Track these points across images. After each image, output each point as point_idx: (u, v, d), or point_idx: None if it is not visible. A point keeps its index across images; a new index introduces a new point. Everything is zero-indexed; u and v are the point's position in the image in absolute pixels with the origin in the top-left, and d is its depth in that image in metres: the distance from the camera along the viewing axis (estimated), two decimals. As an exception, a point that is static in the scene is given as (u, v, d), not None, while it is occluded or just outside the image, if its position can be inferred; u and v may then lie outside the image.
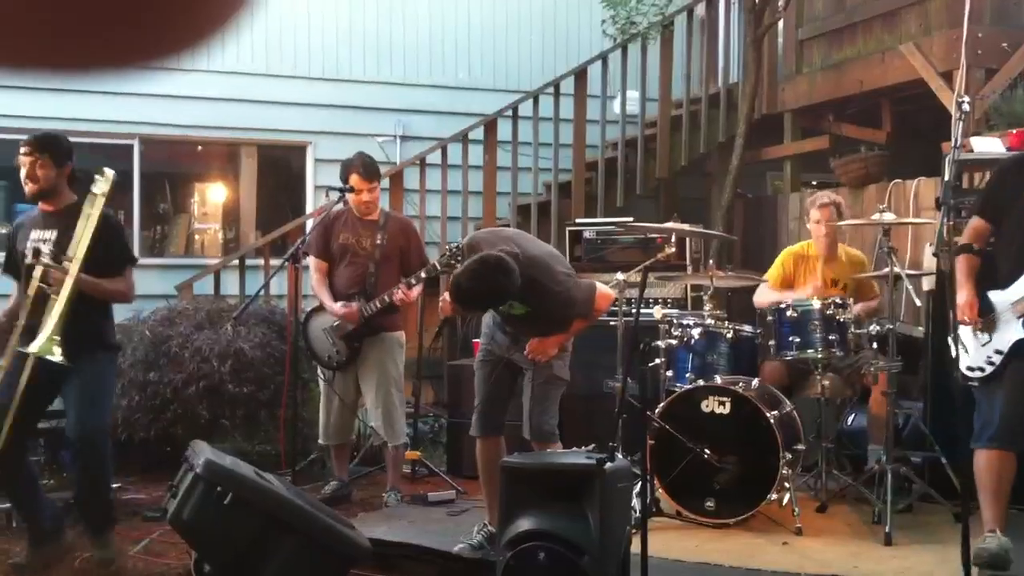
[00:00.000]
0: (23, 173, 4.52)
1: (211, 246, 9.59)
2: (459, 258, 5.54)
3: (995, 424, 4.16)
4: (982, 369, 4.23)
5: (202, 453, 3.94)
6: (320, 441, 5.96)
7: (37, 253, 4.43)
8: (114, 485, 5.81)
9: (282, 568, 3.82)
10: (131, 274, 4.63)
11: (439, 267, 5.70)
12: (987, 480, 4.17)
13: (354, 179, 5.66)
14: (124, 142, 8.55)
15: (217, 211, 9.74)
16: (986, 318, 4.18)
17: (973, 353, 4.27)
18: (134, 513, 5.47)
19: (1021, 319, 4.11)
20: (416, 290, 5.60)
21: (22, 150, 4.53)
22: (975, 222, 4.42)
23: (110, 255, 4.50)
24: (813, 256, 5.90)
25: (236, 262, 7.75)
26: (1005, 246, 4.02)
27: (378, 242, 5.70)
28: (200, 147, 9.52)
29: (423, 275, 5.58)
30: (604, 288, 4.57)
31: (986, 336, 4.23)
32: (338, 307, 5.61)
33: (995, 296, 4.21)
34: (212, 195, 9.78)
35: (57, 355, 4.23)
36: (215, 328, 6.52)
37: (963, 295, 4.25)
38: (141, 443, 6.26)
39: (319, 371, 5.92)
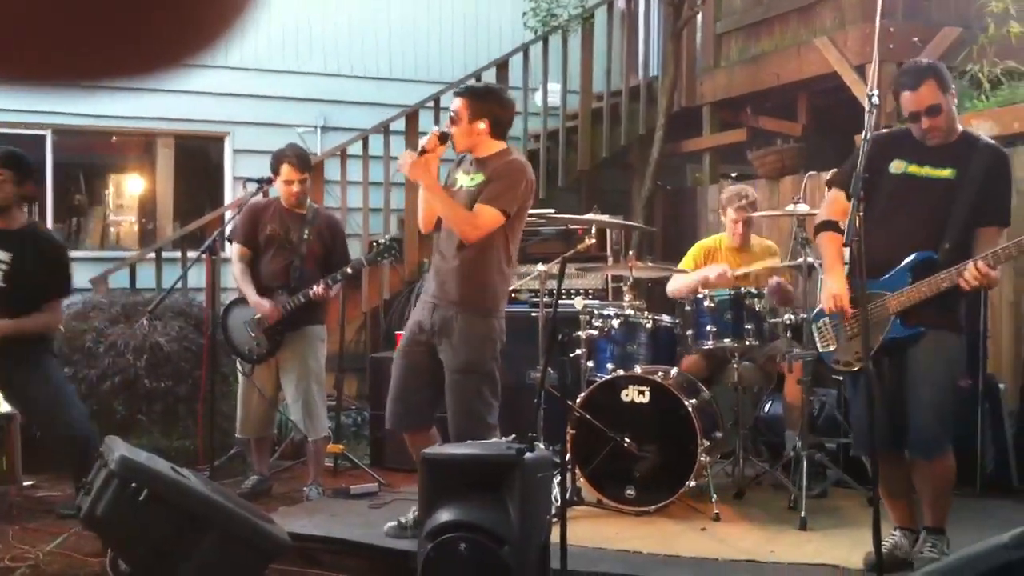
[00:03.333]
0: None
1: (127, 238, 9.42)
2: (386, 254, 5.51)
3: (858, 430, 4.20)
4: (849, 364, 4.06)
5: (116, 449, 3.87)
6: (238, 435, 5.89)
7: None
8: (28, 483, 5.73)
9: (200, 564, 3.77)
10: (60, 305, 4.64)
11: (365, 262, 5.68)
12: (880, 484, 4.24)
13: (285, 169, 5.59)
14: (37, 133, 8.36)
15: (133, 203, 9.57)
16: (859, 311, 3.86)
17: (842, 345, 4.11)
18: (48, 511, 5.36)
19: (895, 315, 3.96)
20: (336, 288, 5.57)
21: None
22: (837, 195, 4.14)
23: (50, 282, 4.48)
24: (724, 249, 6.00)
25: (153, 255, 7.62)
26: (873, 229, 3.74)
27: (304, 236, 5.64)
28: (115, 138, 9.34)
29: (348, 271, 5.54)
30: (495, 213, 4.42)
31: (857, 328, 3.95)
32: (265, 304, 5.54)
33: (870, 288, 3.88)
34: (128, 187, 9.60)
35: None
36: (131, 322, 6.41)
37: (832, 283, 4.05)
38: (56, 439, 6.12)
39: (238, 364, 5.84)
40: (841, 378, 4.30)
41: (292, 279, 5.59)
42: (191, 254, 7.05)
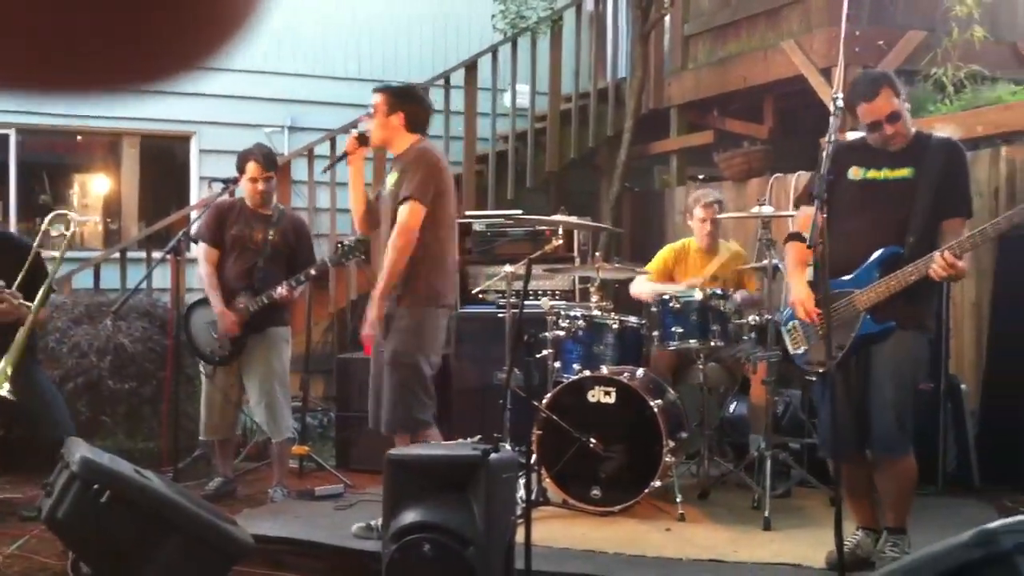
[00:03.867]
0: None
1: (92, 238, 9.33)
2: (351, 254, 5.50)
3: (824, 432, 4.21)
4: (822, 364, 4.03)
5: (78, 451, 3.83)
6: (201, 437, 5.84)
7: None
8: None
9: (163, 566, 3.74)
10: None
11: (329, 264, 5.65)
12: (844, 488, 4.29)
13: (251, 167, 5.57)
14: (0, 132, 8.26)
15: (98, 203, 9.48)
16: (826, 313, 3.84)
17: (813, 345, 4.14)
18: (11, 513, 5.30)
19: (865, 313, 3.98)
20: (299, 289, 5.55)
21: None
22: (806, 210, 4.20)
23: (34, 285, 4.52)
24: (693, 252, 6.04)
25: (117, 255, 7.55)
26: (836, 233, 3.76)
27: (269, 237, 5.62)
28: (80, 137, 9.25)
29: (313, 272, 5.52)
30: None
31: (824, 329, 3.90)
32: (226, 318, 5.51)
33: (836, 287, 3.95)
34: (93, 187, 9.52)
35: (5, 390, 4.24)
36: (94, 323, 6.36)
37: (796, 289, 4.14)
38: (18, 440, 6.05)
39: (200, 365, 5.79)
40: (813, 379, 4.28)
41: (255, 281, 5.56)
42: (156, 254, 7.00)
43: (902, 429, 3.97)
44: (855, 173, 4.08)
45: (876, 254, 3.98)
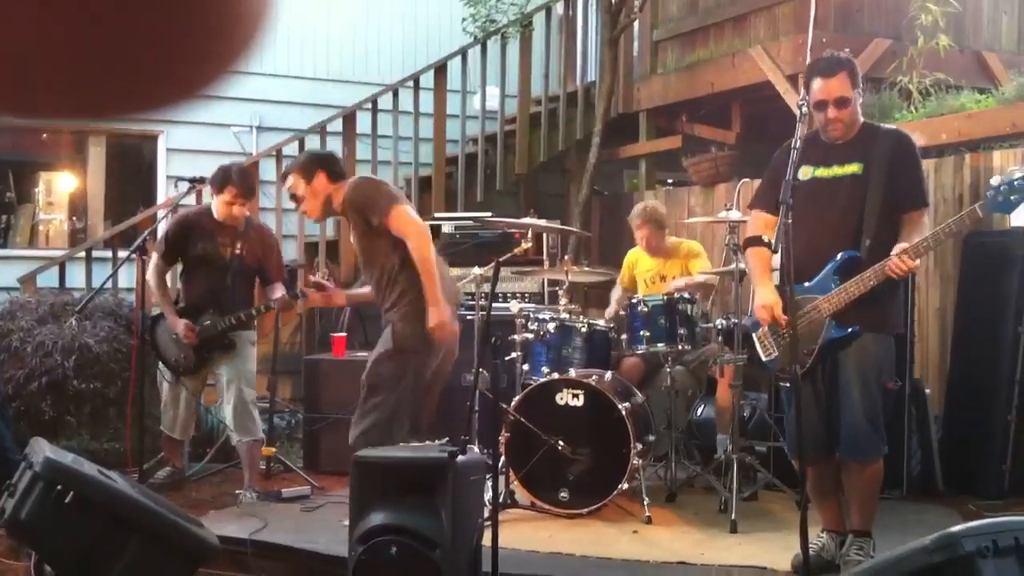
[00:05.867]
0: None
1: (57, 237, 9.24)
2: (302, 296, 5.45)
3: (791, 435, 4.22)
4: (790, 369, 3.93)
5: (41, 451, 3.80)
6: (163, 428, 5.82)
7: None
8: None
9: (128, 568, 3.71)
10: None
11: (292, 297, 5.54)
12: (809, 489, 4.31)
13: (230, 191, 5.49)
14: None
15: (63, 201, 9.38)
16: (792, 317, 3.86)
17: (782, 352, 4.10)
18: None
19: (829, 319, 3.97)
20: (299, 304, 5.55)
21: None
22: (758, 214, 4.27)
23: None
24: (644, 257, 6.16)
25: (83, 254, 7.49)
26: (795, 237, 3.69)
27: (237, 251, 5.58)
28: (46, 135, 9.16)
29: (274, 306, 5.59)
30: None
31: (791, 333, 3.90)
32: (180, 325, 5.50)
33: (800, 292, 3.94)
34: (59, 184, 9.41)
35: None
36: (59, 322, 6.30)
37: (763, 294, 4.09)
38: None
39: (160, 369, 5.76)
40: (786, 384, 4.27)
41: (223, 298, 5.54)
42: (122, 254, 6.94)
43: (875, 432, 3.98)
44: (804, 172, 4.07)
45: (833, 261, 3.98)
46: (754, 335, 4.26)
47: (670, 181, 9.12)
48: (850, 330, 3.96)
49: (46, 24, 0.55)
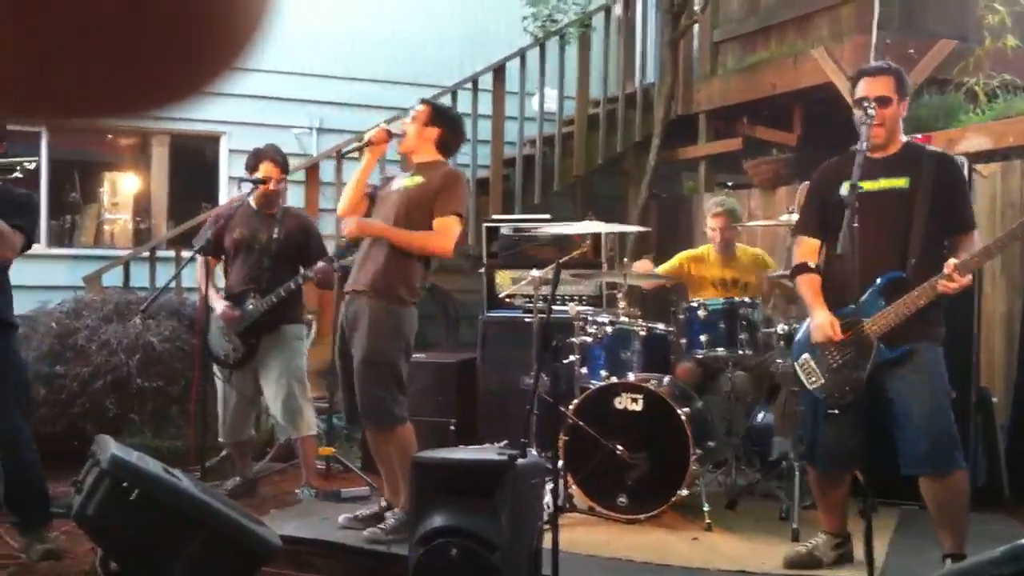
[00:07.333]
0: None
1: (121, 237, 9.39)
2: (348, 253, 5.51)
3: (809, 442, 4.21)
4: (842, 397, 3.95)
5: (108, 448, 3.86)
6: (220, 439, 5.84)
7: None
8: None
9: (190, 565, 3.76)
10: (19, 240, 4.42)
11: (336, 260, 5.60)
12: (816, 493, 4.35)
13: (266, 167, 5.58)
14: (32, 129, 8.33)
15: (128, 201, 9.54)
16: (848, 337, 3.90)
17: (828, 378, 4.02)
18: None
19: (879, 340, 3.90)
20: (316, 272, 5.49)
21: None
22: (801, 240, 4.25)
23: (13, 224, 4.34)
24: (711, 260, 6.06)
25: (147, 254, 7.60)
26: (838, 257, 3.73)
27: (274, 235, 5.62)
28: (110, 136, 9.32)
29: (310, 275, 5.50)
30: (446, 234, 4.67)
31: (840, 359, 3.96)
32: (219, 308, 5.55)
33: (847, 314, 3.95)
34: (123, 185, 9.57)
35: None
36: (123, 321, 6.40)
37: (819, 315, 4.01)
38: (47, 437, 6.09)
39: (215, 370, 5.76)
40: (836, 411, 4.09)
41: (263, 281, 5.57)
42: (185, 254, 7.04)
43: (948, 443, 3.86)
44: (847, 188, 3.97)
45: (878, 282, 3.92)
46: (796, 364, 4.19)
47: (729, 184, 9.04)
48: (903, 350, 3.89)
49: (43, 23, 0.55)
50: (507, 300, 6.48)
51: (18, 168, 4.52)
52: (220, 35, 0.62)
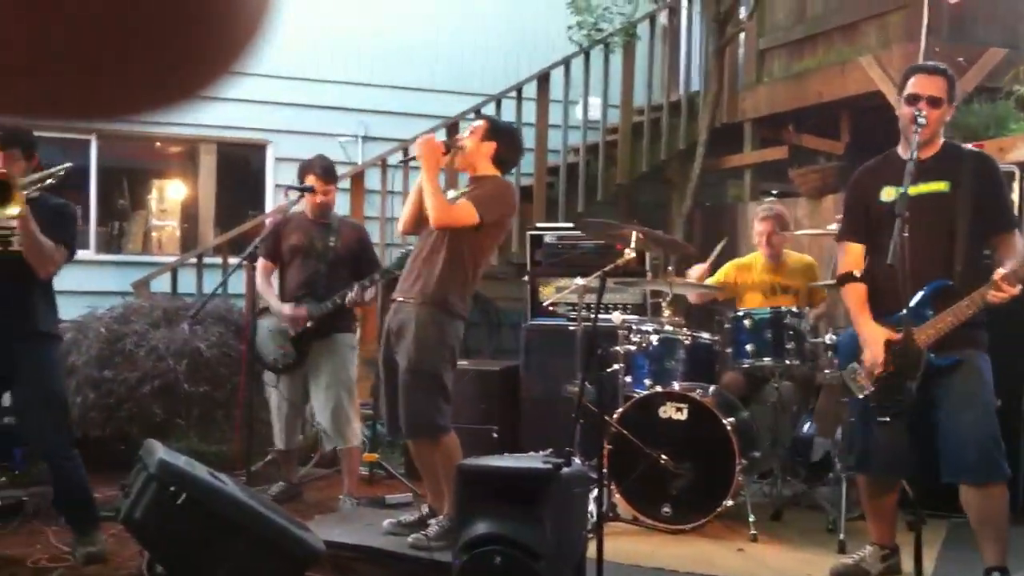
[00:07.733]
0: None
1: (169, 243, 9.51)
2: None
3: (857, 453, 4.19)
4: (892, 407, 3.86)
5: (155, 452, 3.90)
6: (279, 446, 5.88)
7: None
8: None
9: (235, 569, 3.78)
10: (62, 256, 4.50)
11: (393, 271, 5.65)
12: (866, 502, 4.31)
13: (311, 179, 5.63)
14: (81, 137, 8.45)
15: (175, 208, 9.66)
16: (894, 354, 3.85)
17: (879, 388, 3.94)
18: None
19: (926, 351, 3.84)
20: (370, 292, 5.54)
21: None
22: (846, 247, 4.19)
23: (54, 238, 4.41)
24: (759, 267, 6.00)
25: (194, 260, 7.68)
26: (882, 262, 3.67)
27: (330, 243, 5.66)
28: (158, 144, 9.43)
29: (377, 277, 5.52)
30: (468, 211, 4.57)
31: (890, 368, 3.88)
32: (286, 309, 5.57)
33: (893, 323, 3.90)
34: (170, 192, 9.69)
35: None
36: (171, 326, 6.46)
37: (870, 332, 3.95)
38: (95, 441, 6.17)
39: (264, 377, 5.78)
40: (887, 420, 4.06)
41: (319, 287, 5.60)
42: (232, 260, 7.10)
43: (993, 452, 3.80)
44: (888, 194, 3.97)
45: (924, 291, 3.86)
46: (843, 374, 4.14)
47: (774, 192, 8.99)
48: (953, 359, 3.84)
49: (39, 22, 0.55)
50: (550, 308, 6.47)
51: (51, 178, 4.59)
52: (219, 36, 0.62)
